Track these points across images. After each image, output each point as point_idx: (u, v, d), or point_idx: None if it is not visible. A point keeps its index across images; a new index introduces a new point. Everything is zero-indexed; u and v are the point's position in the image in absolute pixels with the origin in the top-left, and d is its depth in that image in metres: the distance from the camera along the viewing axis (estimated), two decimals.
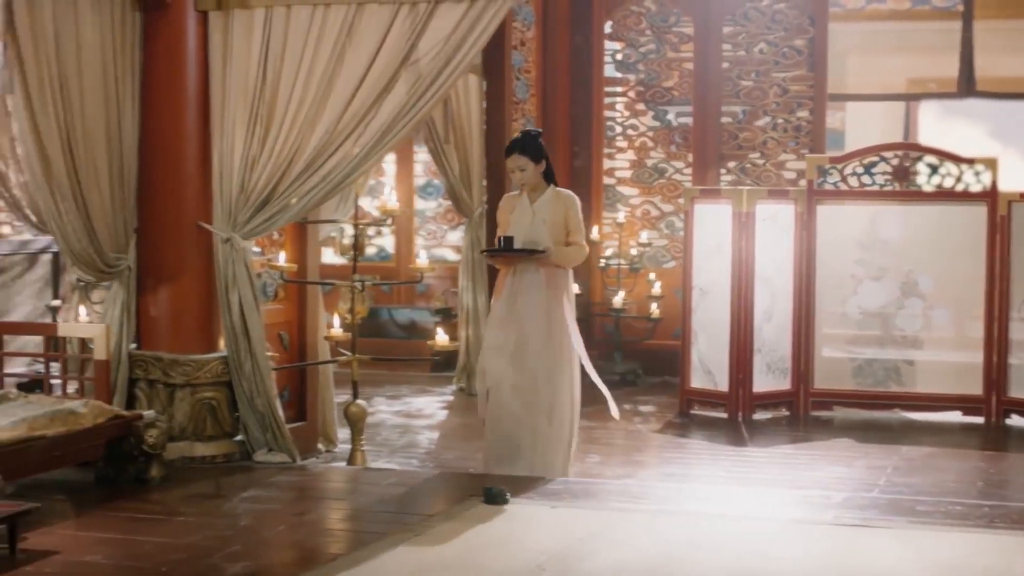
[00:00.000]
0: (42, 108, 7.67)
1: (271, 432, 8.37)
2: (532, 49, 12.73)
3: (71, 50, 7.83)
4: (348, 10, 8.08)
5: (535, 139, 8.19)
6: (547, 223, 8.11)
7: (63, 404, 7.51)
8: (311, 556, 6.45)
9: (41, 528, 6.68)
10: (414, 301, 13.74)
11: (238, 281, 8.25)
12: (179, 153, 8.35)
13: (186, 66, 8.32)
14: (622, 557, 6.30)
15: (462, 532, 6.78)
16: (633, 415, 11.04)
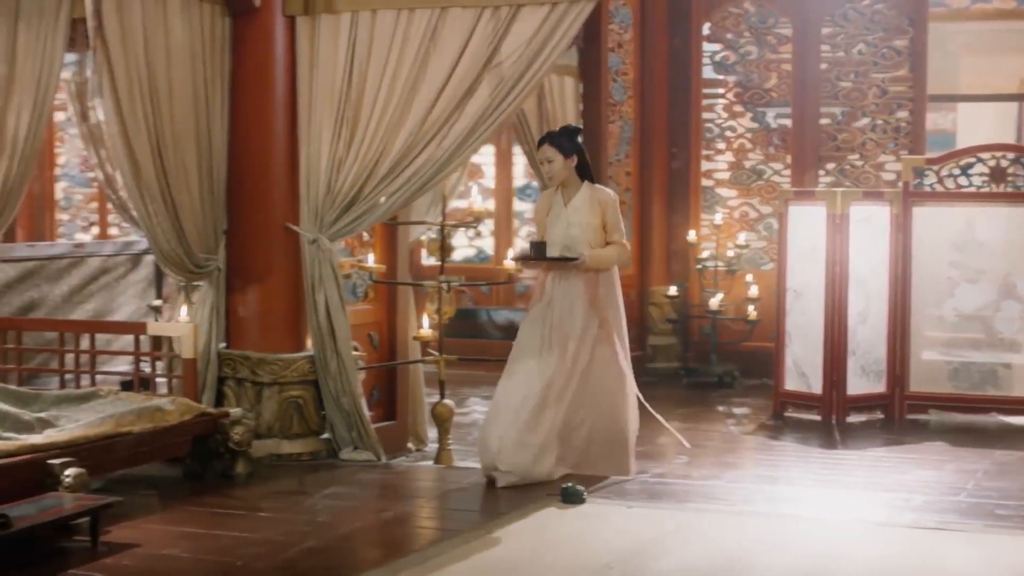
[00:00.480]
0: (131, 112, 7.85)
1: (356, 430, 8.48)
2: (630, 51, 12.76)
3: (160, 55, 7.99)
4: (432, 14, 8.17)
5: (568, 133, 8.04)
6: (582, 225, 7.94)
7: (151, 401, 7.68)
8: (384, 552, 6.56)
9: (125, 521, 6.85)
10: (513, 302, 13.81)
11: (324, 281, 8.38)
12: (267, 155, 8.50)
13: (274, 70, 8.47)
14: (691, 556, 6.33)
15: (535, 530, 6.85)
16: (727, 417, 11.03)
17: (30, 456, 6.67)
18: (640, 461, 8.84)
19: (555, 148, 7.91)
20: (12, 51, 8.33)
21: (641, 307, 13.08)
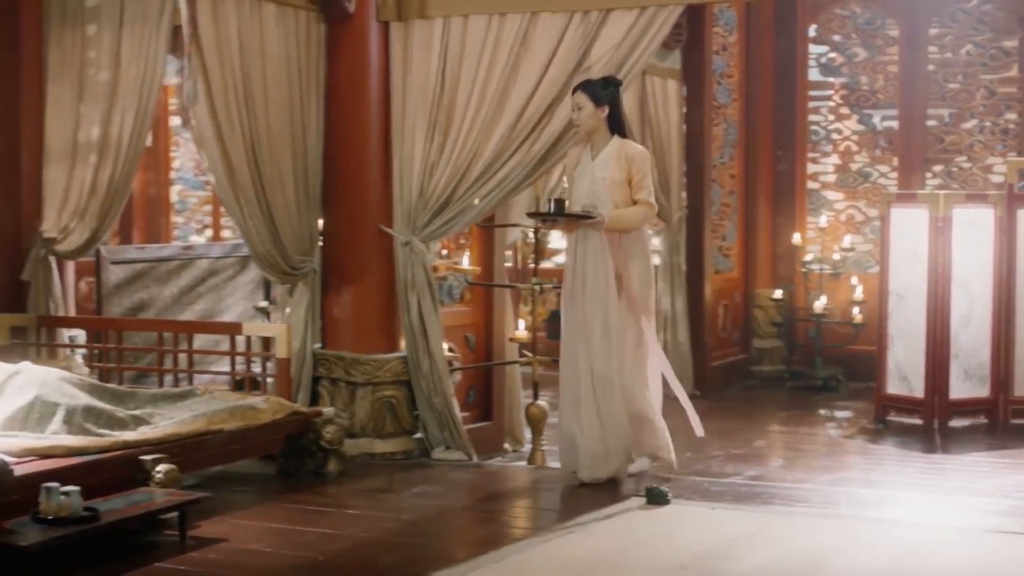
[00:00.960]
0: (226, 116, 8.02)
1: (448, 430, 8.59)
2: (734, 54, 12.74)
3: (256, 60, 8.16)
4: (523, 19, 8.25)
5: (603, 82, 7.75)
6: (607, 180, 7.67)
7: (244, 400, 7.83)
8: (464, 550, 6.64)
9: (215, 517, 7.01)
10: None
11: (417, 283, 8.50)
12: (362, 159, 8.63)
13: (368, 75, 8.61)
14: (768, 558, 6.34)
15: (616, 531, 6.90)
16: (827, 420, 11.00)
17: (122, 452, 6.85)
18: (735, 463, 8.89)
19: (587, 95, 7.69)
20: (116, 57, 8.59)
21: (746, 310, 13.06)
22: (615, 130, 7.75)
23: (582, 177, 7.78)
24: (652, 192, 7.76)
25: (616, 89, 7.74)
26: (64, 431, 6.93)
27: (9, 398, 7.03)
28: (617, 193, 7.67)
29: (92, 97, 8.68)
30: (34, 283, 8.71)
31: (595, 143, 7.77)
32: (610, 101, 7.69)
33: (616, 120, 7.74)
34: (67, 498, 6.12)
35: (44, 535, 5.93)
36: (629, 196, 7.69)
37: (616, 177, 7.67)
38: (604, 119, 7.71)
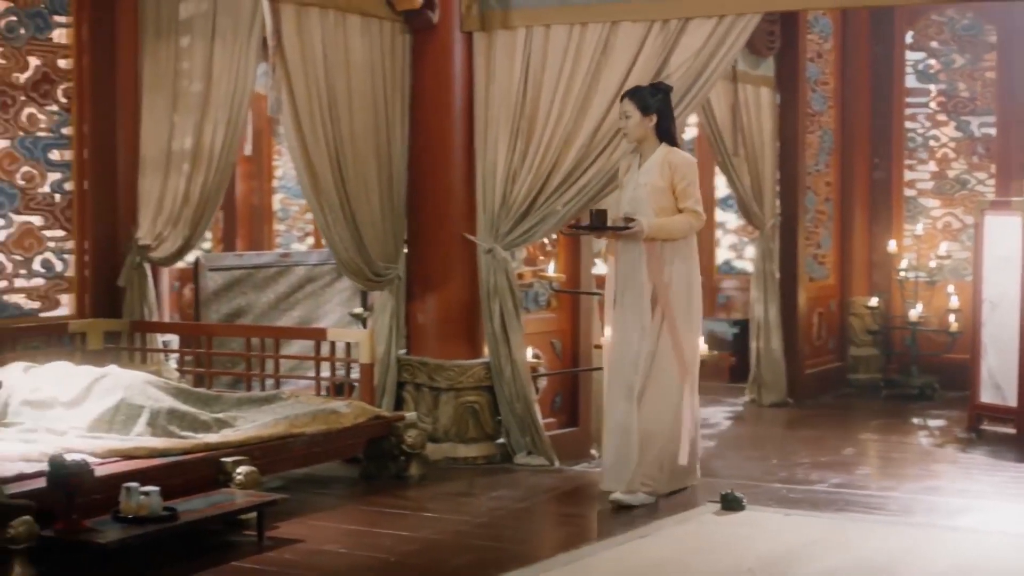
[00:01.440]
0: (310, 126, 8.18)
1: (530, 435, 8.68)
2: (830, 61, 12.71)
3: (340, 71, 8.32)
4: (603, 28, 8.33)
5: (652, 89, 7.65)
6: (648, 187, 7.52)
7: (327, 404, 7.99)
8: (536, 552, 6.71)
9: (295, 518, 7.17)
10: (714, 312, 13.84)
11: (499, 290, 8.60)
12: (446, 167, 8.76)
13: (452, 84, 8.74)
14: (835, 563, 6.35)
15: (687, 535, 6.95)
16: (920, 429, 10.93)
17: (204, 454, 7.02)
18: (821, 471, 8.89)
19: (634, 103, 7.57)
20: (208, 68, 8.80)
21: (842, 318, 13.03)
22: (663, 138, 7.61)
23: (628, 185, 7.69)
24: (699, 201, 7.62)
25: (665, 96, 7.63)
26: (148, 433, 7.11)
27: (95, 400, 7.22)
28: (657, 201, 7.52)
29: (185, 107, 8.90)
30: (129, 289, 8.93)
31: (644, 151, 7.65)
32: (658, 109, 7.58)
33: (664, 128, 7.61)
34: (147, 498, 6.30)
35: (123, 533, 6.11)
36: (672, 204, 7.55)
37: (658, 184, 7.52)
38: (652, 127, 7.59)
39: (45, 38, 8.67)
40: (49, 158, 8.70)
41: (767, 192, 11.82)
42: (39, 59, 8.64)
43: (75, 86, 8.80)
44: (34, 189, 8.62)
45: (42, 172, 8.66)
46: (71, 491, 6.08)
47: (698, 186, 7.63)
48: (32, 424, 7.11)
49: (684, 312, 7.63)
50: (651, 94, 7.62)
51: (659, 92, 7.65)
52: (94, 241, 8.90)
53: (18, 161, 8.53)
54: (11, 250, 8.51)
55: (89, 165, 8.86)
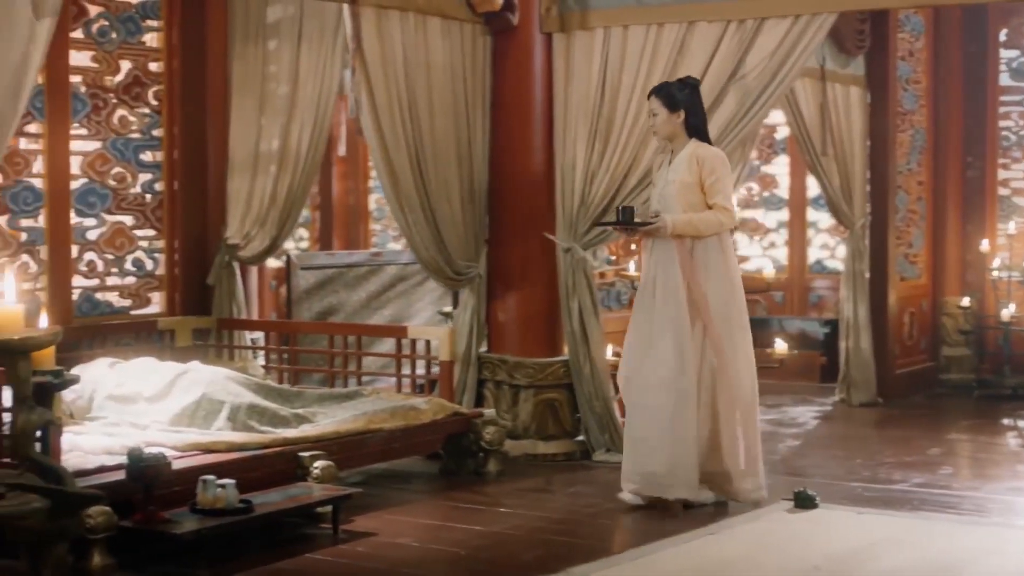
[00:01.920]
0: (391, 127, 8.31)
1: (609, 433, 8.75)
2: (921, 60, 12.64)
3: (421, 73, 8.44)
4: (680, 28, 8.39)
5: (677, 85, 7.51)
6: (676, 183, 7.36)
7: (407, 401, 8.12)
8: (606, 547, 6.78)
9: (371, 512, 7.30)
10: (806, 312, 13.83)
11: (578, 289, 8.69)
12: (526, 167, 8.86)
13: (532, 85, 8.84)
14: (902, 561, 6.36)
15: (757, 532, 6.99)
16: (1009, 430, 10.84)
17: (282, 448, 7.17)
18: (904, 470, 8.86)
19: (660, 100, 7.44)
20: (295, 71, 8.99)
21: (934, 317, 12.94)
22: (693, 134, 7.45)
23: (658, 180, 7.57)
24: (730, 197, 7.40)
25: (693, 91, 7.48)
26: (228, 428, 7.28)
27: (178, 396, 7.41)
28: (686, 196, 7.34)
29: (272, 110, 9.09)
30: (218, 287, 9.14)
31: (674, 148, 7.50)
32: (686, 105, 7.42)
33: (694, 123, 7.46)
34: (223, 490, 6.45)
35: (199, 525, 6.27)
36: (701, 201, 7.34)
37: (686, 180, 7.35)
38: (681, 123, 7.43)
39: (136, 42, 8.88)
40: (140, 159, 8.93)
41: (857, 191, 11.78)
42: (131, 62, 8.87)
43: (166, 89, 9.01)
44: (125, 190, 8.84)
45: (133, 173, 8.89)
46: (149, 483, 6.26)
47: (730, 182, 7.46)
48: (116, 418, 7.31)
49: (725, 317, 7.39)
50: (678, 89, 7.48)
51: (686, 87, 7.50)
52: (184, 240, 9.12)
53: (110, 162, 8.75)
54: (103, 249, 8.73)
55: (179, 166, 9.08)
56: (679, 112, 7.43)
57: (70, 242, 8.51)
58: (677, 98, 7.44)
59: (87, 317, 8.62)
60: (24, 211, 8.29)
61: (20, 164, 8.25)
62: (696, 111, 7.47)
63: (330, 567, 6.36)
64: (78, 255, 8.58)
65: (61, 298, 8.40)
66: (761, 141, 13.92)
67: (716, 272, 7.40)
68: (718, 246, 7.41)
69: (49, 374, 5.40)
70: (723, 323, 7.39)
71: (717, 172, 7.35)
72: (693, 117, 7.45)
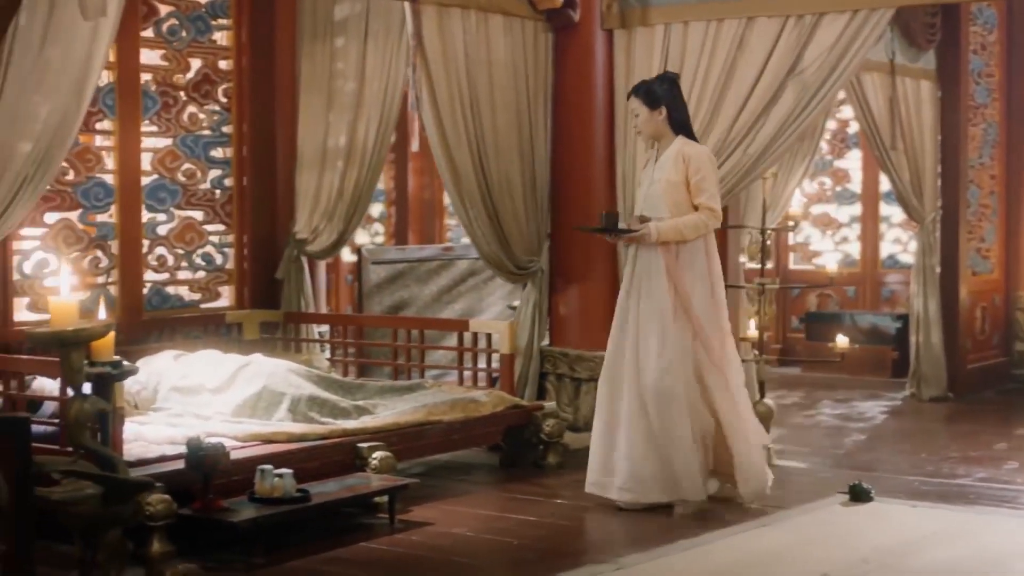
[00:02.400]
0: (452, 124, 8.43)
1: None
2: (994, 53, 12.57)
3: (482, 69, 8.55)
4: (739, 24, 8.43)
5: (656, 82, 7.33)
6: (662, 182, 7.19)
7: (468, 393, 8.23)
8: (658, 537, 6.83)
9: (429, 502, 7.43)
10: (879, 306, 13.79)
11: None
12: (587, 162, 8.95)
13: (593, 81, 8.92)
14: (950, 555, 6.39)
15: (809, 525, 7.04)
16: None
17: (341, 439, 7.30)
18: (968, 465, 8.86)
19: (639, 100, 7.28)
20: (361, 68, 9.11)
21: (1007, 312, 12.87)
22: (679, 130, 7.29)
23: (643, 181, 7.43)
24: (716, 196, 7.22)
25: (672, 85, 7.31)
26: (289, 419, 7.42)
27: (240, 387, 7.56)
28: (672, 196, 7.19)
29: (339, 106, 9.22)
30: (287, 281, 9.28)
31: (661, 147, 7.34)
32: (667, 100, 7.25)
33: (678, 120, 7.29)
34: (280, 480, 6.60)
35: (256, 513, 6.41)
36: (687, 199, 7.20)
37: (672, 178, 7.18)
38: (664, 121, 7.27)
39: (206, 40, 9.04)
40: (210, 155, 9.09)
41: (927, 186, 11.74)
42: (200, 60, 9.03)
43: (235, 86, 9.17)
44: (195, 185, 9.00)
45: (203, 169, 9.05)
46: (207, 472, 6.41)
47: (716, 180, 7.29)
48: (180, 409, 7.47)
49: (711, 321, 7.27)
50: (657, 85, 7.32)
51: (664, 82, 7.34)
52: (253, 235, 9.27)
53: (180, 159, 8.92)
54: (173, 244, 8.90)
55: (248, 162, 9.24)
56: (660, 109, 7.26)
57: (141, 237, 8.68)
58: (657, 94, 7.27)
59: (157, 311, 8.79)
60: (96, 207, 8.46)
61: (92, 161, 8.42)
62: (678, 106, 7.31)
63: (383, 555, 6.48)
64: (148, 250, 8.75)
65: (131, 292, 8.58)
66: (834, 136, 13.90)
67: (700, 273, 7.25)
68: (703, 247, 7.26)
69: (108, 365, 5.52)
70: (706, 323, 7.26)
71: (703, 170, 7.18)
72: (676, 112, 7.29)
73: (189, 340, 8.67)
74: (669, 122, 7.29)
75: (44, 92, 6.77)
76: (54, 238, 8.20)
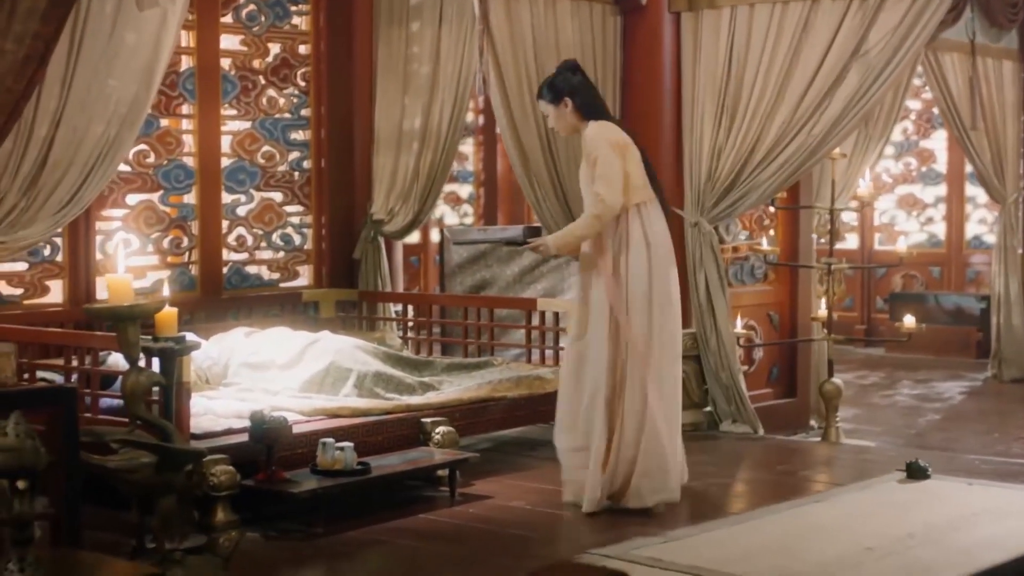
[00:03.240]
0: (520, 106, 8.59)
1: (735, 404, 8.93)
2: None
3: (550, 52, 8.69)
4: (804, 6, 8.51)
5: (554, 75, 6.93)
6: (582, 178, 6.85)
7: (534, 371, 8.38)
8: (712, 512, 6.94)
9: (491, 476, 7.62)
10: (963, 288, 13.76)
11: (704, 263, 8.87)
12: (655, 144, 9.00)
13: (662, 64, 9.03)
14: (999, 531, 6.44)
15: (860, 500, 7.12)
16: None
17: (405, 414, 7.49)
18: None
19: (543, 100, 6.92)
20: (436, 52, 9.29)
21: None
22: (589, 115, 6.82)
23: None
24: (609, 179, 6.62)
25: (570, 73, 6.88)
26: (355, 394, 7.62)
27: (308, 363, 7.77)
28: (589, 188, 6.79)
29: (415, 89, 9.41)
30: (364, 261, 9.49)
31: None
32: (568, 91, 6.83)
33: (583, 103, 6.83)
34: (341, 452, 6.80)
35: (316, 484, 6.62)
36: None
37: (584, 172, 6.81)
38: (572, 111, 6.84)
39: (284, 25, 9.27)
40: (288, 138, 9.32)
41: (1009, 166, 11.72)
42: (279, 45, 9.25)
43: (313, 70, 9.39)
44: (274, 167, 9.24)
45: (281, 151, 9.28)
46: (270, 444, 6.63)
47: (610, 160, 6.66)
48: (249, 384, 7.70)
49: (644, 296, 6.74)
50: (555, 78, 6.93)
51: (561, 73, 6.95)
52: (331, 216, 9.49)
53: (259, 141, 9.16)
54: (252, 224, 9.14)
55: (327, 144, 9.45)
56: (564, 101, 6.83)
57: (220, 218, 8.93)
58: (556, 87, 6.86)
59: (236, 289, 9.04)
60: (176, 188, 8.72)
61: (172, 144, 8.67)
62: (581, 91, 6.84)
63: (440, 526, 6.67)
64: (228, 230, 8.99)
65: (211, 271, 8.84)
66: (919, 116, 13.88)
67: (636, 248, 6.75)
68: (637, 220, 6.76)
69: (171, 340, 5.75)
70: (642, 299, 6.74)
71: (595, 152, 6.67)
72: (580, 98, 6.82)
73: (268, 318, 8.89)
74: (577, 111, 6.83)
75: (115, 76, 7.04)
76: (135, 219, 8.47)
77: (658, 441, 6.78)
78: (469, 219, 15.22)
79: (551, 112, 6.91)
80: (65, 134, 6.91)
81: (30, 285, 7.99)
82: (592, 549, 6.15)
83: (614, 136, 6.75)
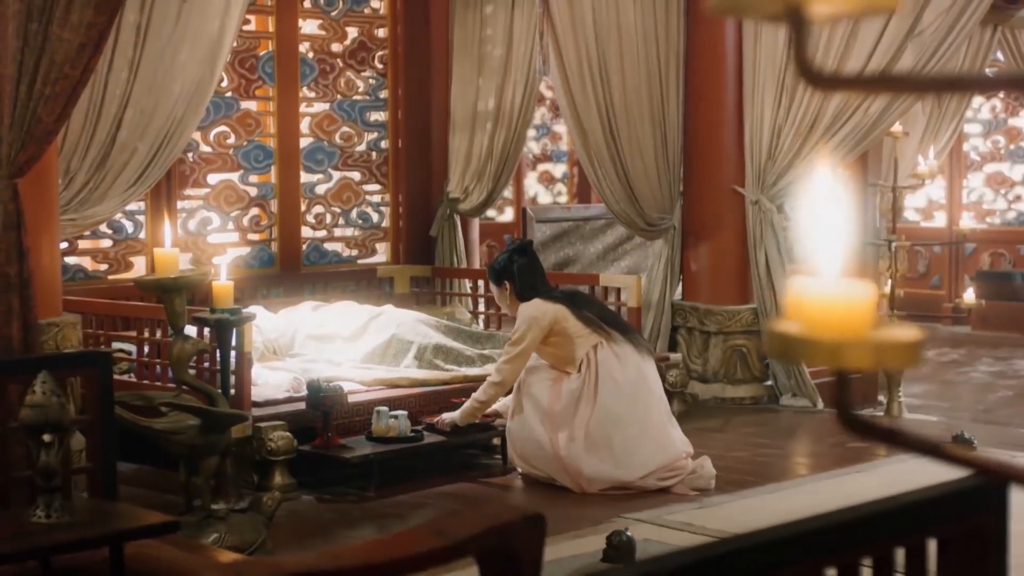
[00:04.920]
0: (580, 88, 8.84)
1: (795, 378, 9.10)
2: None
3: (611, 35, 8.93)
4: None
5: (497, 259, 7.36)
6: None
7: None
8: (751, 481, 7.16)
9: None
10: None
11: (765, 240, 9.06)
12: (718, 124, 9.25)
13: (724, 45, 9.21)
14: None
15: (898, 472, 7.26)
16: None
17: (462, 385, 7.79)
18: None
19: (491, 283, 7.43)
20: (509, 34, 9.56)
21: None
22: (523, 297, 7.12)
23: None
24: (516, 357, 7.00)
25: (511, 255, 7.23)
26: (415, 366, 7.93)
27: (371, 336, 8.10)
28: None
29: (489, 71, 9.70)
30: (440, 238, 9.80)
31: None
32: (508, 275, 7.20)
33: (519, 288, 7.16)
34: (395, 420, 7.12)
35: (370, 450, 6.95)
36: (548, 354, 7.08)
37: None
38: (511, 294, 7.20)
39: (362, 10, 9.60)
40: (366, 119, 9.65)
41: None
42: (356, 29, 9.58)
43: (390, 53, 9.71)
44: (351, 148, 9.58)
45: (359, 132, 9.61)
46: (326, 411, 6.96)
47: (529, 335, 6.95)
48: (314, 356, 8.05)
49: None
50: (496, 263, 7.34)
51: (501, 256, 7.35)
52: (408, 194, 9.81)
53: (337, 122, 9.50)
54: (331, 203, 9.49)
55: (403, 125, 9.77)
56: (504, 285, 7.22)
57: (299, 196, 9.29)
58: (496, 272, 7.26)
59: (315, 266, 9.39)
60: (256, 168, 9.09)
61: (252, 125, 9.04)
62: (518, 274, 7.16)
63: (484, 491, 6.97)
64: (306, 208, 9.35)
65: (290, 248, 9.20)
66: (1007, 94, 13.87)
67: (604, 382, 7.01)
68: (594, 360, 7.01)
69: (227, 312, 6.09)
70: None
71: (519, 329, 7.01)
72: (519, 282, 7.14)
73: (345, 294, 9.22)
74: (513, 294, 7.17)
75: (180, 61, 7.41)
76: (216, 198, 8.85)
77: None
78: (563, 197, 15.48)
79: (496, 293, 7.33)
80: (133, 116, 7.30)
81: (114, 261, 8.42)
82: (625, 513, 6.40)
83: (539, 313, 6.99)
